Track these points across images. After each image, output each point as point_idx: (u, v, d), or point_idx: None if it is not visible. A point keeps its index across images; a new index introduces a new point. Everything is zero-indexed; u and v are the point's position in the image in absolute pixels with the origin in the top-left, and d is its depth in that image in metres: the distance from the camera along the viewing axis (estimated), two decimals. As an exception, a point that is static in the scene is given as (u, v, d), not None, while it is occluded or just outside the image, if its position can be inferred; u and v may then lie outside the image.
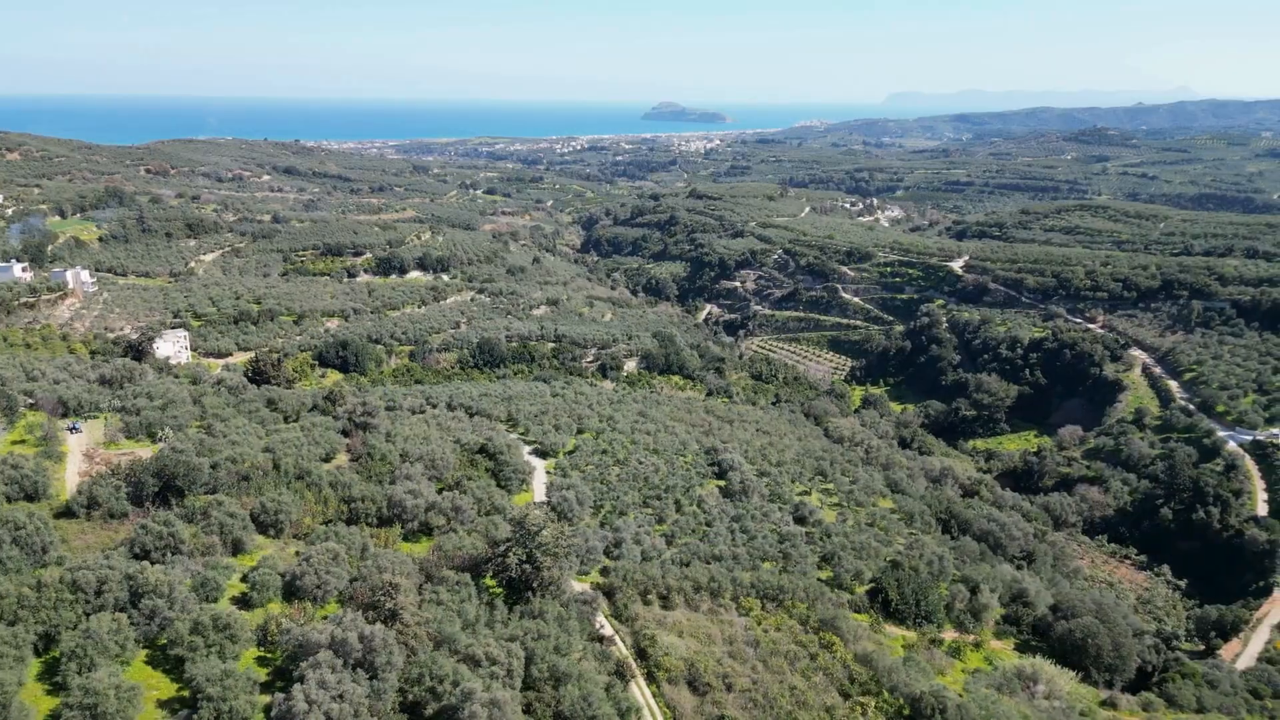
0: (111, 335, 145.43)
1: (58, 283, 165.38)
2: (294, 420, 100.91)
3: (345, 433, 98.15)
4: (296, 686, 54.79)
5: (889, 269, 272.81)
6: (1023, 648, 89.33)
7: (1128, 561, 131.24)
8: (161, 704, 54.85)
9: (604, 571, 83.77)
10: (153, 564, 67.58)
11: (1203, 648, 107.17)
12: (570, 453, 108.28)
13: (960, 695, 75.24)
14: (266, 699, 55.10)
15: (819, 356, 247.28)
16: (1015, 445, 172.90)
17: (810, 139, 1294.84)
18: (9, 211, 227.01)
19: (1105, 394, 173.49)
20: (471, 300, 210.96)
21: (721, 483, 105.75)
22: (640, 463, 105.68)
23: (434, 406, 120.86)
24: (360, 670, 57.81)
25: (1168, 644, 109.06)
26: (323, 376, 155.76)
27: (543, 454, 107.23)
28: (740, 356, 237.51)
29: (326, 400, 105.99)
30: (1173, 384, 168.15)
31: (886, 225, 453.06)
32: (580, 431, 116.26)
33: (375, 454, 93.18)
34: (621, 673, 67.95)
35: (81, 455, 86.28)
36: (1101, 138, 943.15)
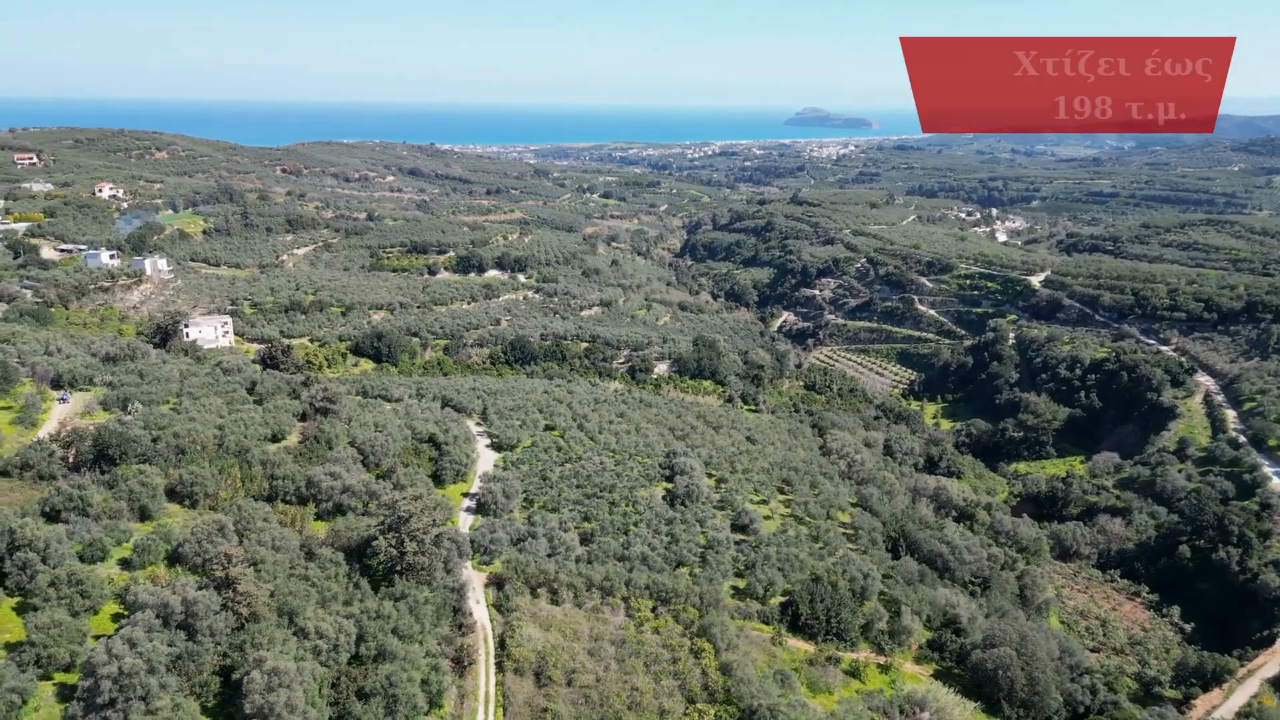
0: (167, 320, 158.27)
1: (136, 270, 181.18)
2: (266, 402, 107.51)
3: (304, 416, 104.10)
4: (102, 640, 59.67)
5: (968, 281, 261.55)
6: (942, 675, 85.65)
7: (1137, 599, 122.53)
8: (9, 646, 60.83)
9: (506, 563, 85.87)
10: (59, 523, 74.59)
11: (1181, 696, 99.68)
12: (528, 448, 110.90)
13: (830, 713, 73.70)
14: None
15: (885, 369, 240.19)
16: (1057, 470, 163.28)
17: (956, 146, 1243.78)
18: (125, 205, 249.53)
19: (1158, 421, 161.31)
20: (523, 299, 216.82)
21: (670, 485, 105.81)
22: (590, 462, 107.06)
23: (422, 398, 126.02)
24: (181, 631, 62.21)
25: (1148, 689, 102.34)
26: (355, 365, 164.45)
27: (498, 447, 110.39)
28: (799, 366, 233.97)
29: (302, 385, 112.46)
30: (1230, 413, 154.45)
31: (1004, 237, 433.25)
32: (549, 428, 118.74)
33: (322, 438, 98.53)
34: (460, 659, 70.02)
35: (58, 423, 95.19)
36: (1275, 148, 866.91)
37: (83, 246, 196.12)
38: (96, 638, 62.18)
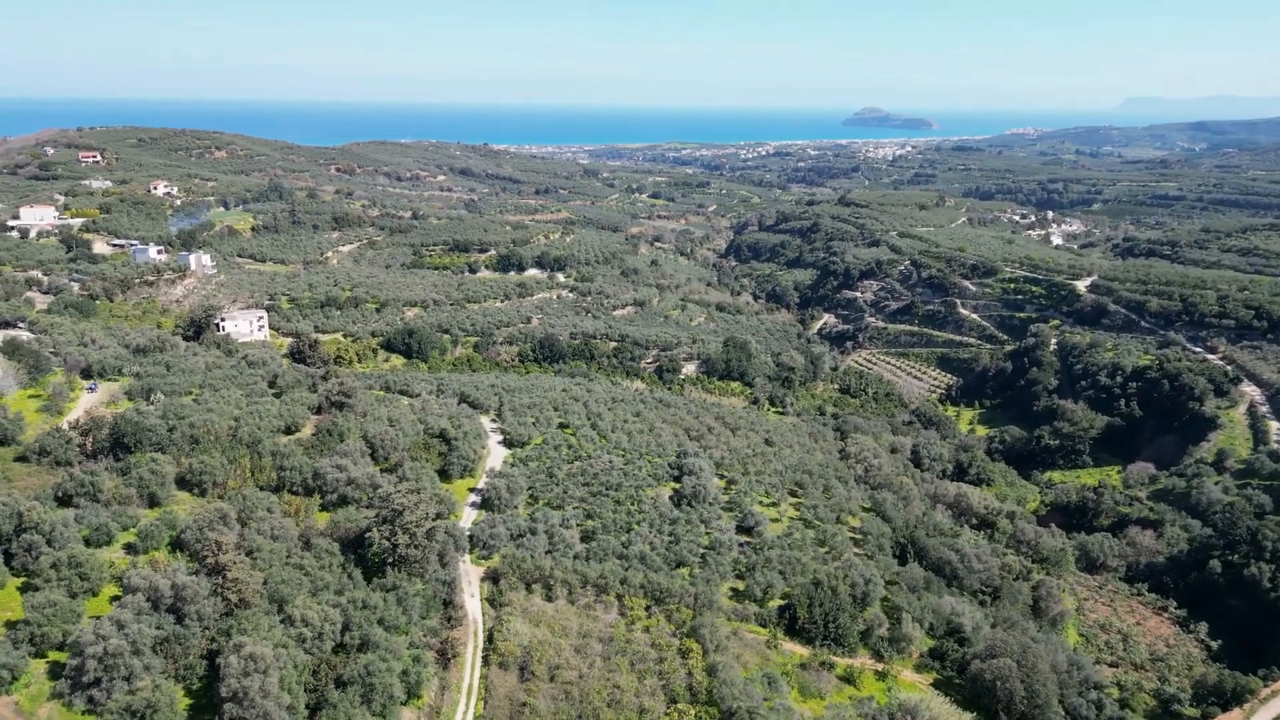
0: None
1: (180, 265, 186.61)
2: (284, 395, 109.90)
3: (319, 409, 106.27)
4: (91, 620, 61.79)
5: (1012, 285, 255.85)
6: (943, 684, 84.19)
7: (1164, 614, 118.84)
8: (8, 624, 63.30)
9: (503, 558, 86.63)
10: (71, 508, 77.34)
11: (1200, 715, 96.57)
12: (539, 445, 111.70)
13: (817, 718, 73.32)
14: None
15: (923, 373, 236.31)
16: (1093, 480, 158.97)
17: (1018, 147, 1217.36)
18: (178, 202, 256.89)
19: (1198, 431, 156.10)
20: (556, 297, 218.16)
21: (677, 486, 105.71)
22: (599, 460, 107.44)
23: (442, 393, 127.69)
24: (170, 615, 64.12)
25: (1166, 706, 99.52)
26: (385, 361, 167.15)
27: (510, 444, 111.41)
28: (835, 368, 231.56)
29: (321, 379, 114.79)
30: (1274, 425, 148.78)
31: (1059, 240, 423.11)
32: (563, 426, 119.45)
33: (335, 431, 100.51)
34: (445, 651, 70.94)
35: (83, 411, 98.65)
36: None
37: (134, 242, 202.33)
38: (94, 619, 64.55)
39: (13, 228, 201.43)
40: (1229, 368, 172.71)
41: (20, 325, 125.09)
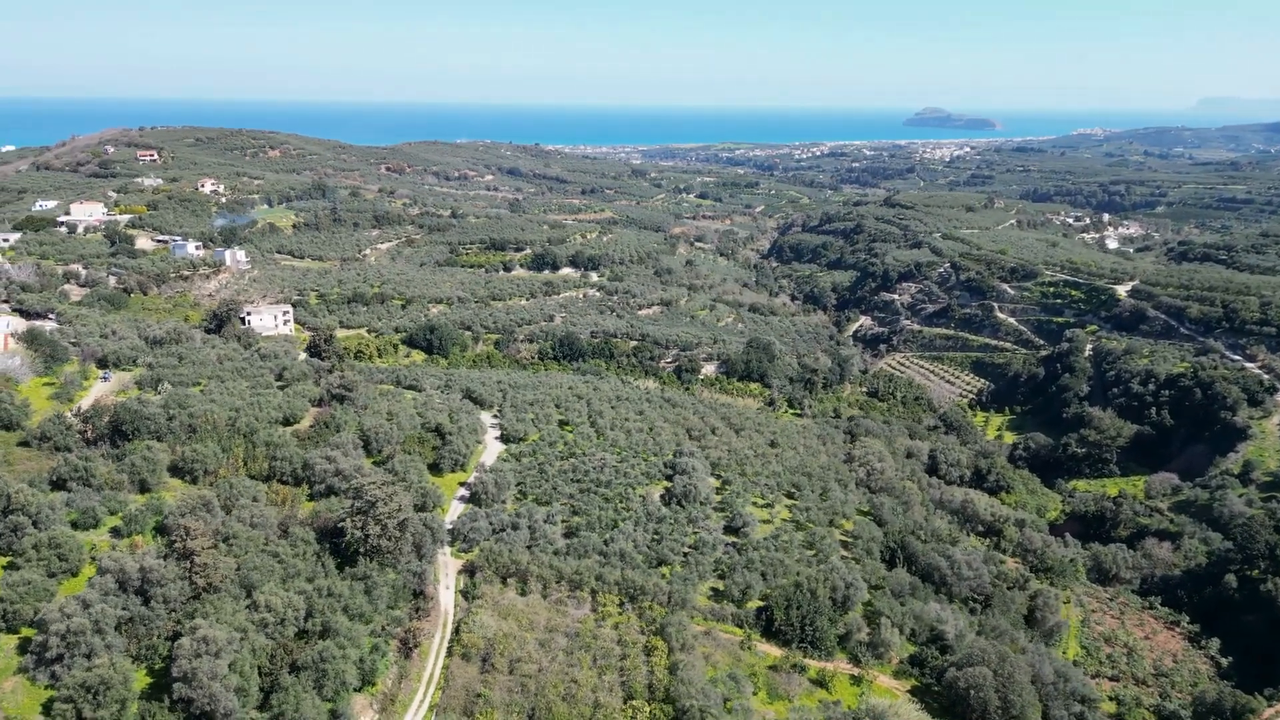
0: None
1: (216, 260, 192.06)
2: (289, 387, 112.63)
3: (320, 402, 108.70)
4: (60, 599, 64.27)
5: (1051, 289, 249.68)
6: (920, 692, 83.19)
7: (1175, 629, 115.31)
8: (-13, 601, 66.10)
9: (481, 551, 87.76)
10: (64, 491, 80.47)
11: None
12: (535, 441, 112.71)
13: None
14: (58, 608, 64.37)
15: (955, 378, 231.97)
16: (1117, 489, 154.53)
17: (1083, 148, 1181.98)
18: (223, 199, 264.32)
19: (1228, 441, 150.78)
20: (583, 296, 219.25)
21: (670, 485, 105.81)
22: (592, 458, 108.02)
23: (449, 389, 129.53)
24: (137, 597, 66.38)
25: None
26: (406, 356, 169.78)
27: (507, 440, 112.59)
28: (864, 371, 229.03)
29: (327, 373, 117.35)
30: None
31: (1115, 244, 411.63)
32: (563, 423, 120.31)
33: (332, 424, 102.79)
34: (407, 641, 72.21)
35: (94, 399, 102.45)
36: None
37: (176, 238, 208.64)
38: (66, 598, 67.05)
39: (62, 223, 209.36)
40: (1266, 376, 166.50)
41: (49, 316, 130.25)
